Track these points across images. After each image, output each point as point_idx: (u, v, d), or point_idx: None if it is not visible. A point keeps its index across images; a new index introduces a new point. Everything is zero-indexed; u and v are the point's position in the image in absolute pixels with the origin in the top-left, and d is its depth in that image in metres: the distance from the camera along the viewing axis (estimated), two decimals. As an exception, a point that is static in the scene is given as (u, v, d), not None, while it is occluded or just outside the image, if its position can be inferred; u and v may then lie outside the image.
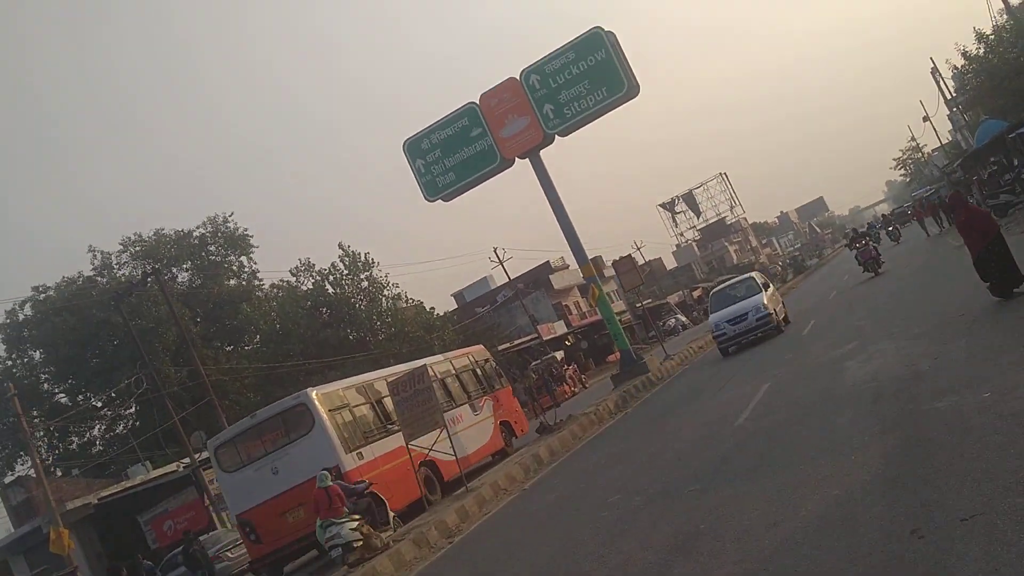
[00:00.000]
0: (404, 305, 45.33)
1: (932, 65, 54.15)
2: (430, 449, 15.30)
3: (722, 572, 5.75)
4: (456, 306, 77.19)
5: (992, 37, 32.98)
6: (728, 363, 20.66)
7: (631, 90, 24.20)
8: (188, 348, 29.80)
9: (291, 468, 14.47)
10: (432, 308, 48.50)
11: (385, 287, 44.90)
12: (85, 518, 28.95)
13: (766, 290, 23.04)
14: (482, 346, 25.33)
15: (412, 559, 11.48)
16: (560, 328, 61.39)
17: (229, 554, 22.44)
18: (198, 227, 53.29)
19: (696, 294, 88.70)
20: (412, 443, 14.66)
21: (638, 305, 79.75)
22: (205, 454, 32.12)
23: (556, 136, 25.18)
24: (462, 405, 18.83)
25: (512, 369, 41.78)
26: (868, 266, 28.91)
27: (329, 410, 14.90)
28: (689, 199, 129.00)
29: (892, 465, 6.49)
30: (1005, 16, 32.34)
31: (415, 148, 26.22)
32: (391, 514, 13.35)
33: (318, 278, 44.45)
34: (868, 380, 10.28)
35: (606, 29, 24.30)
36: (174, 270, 53.07)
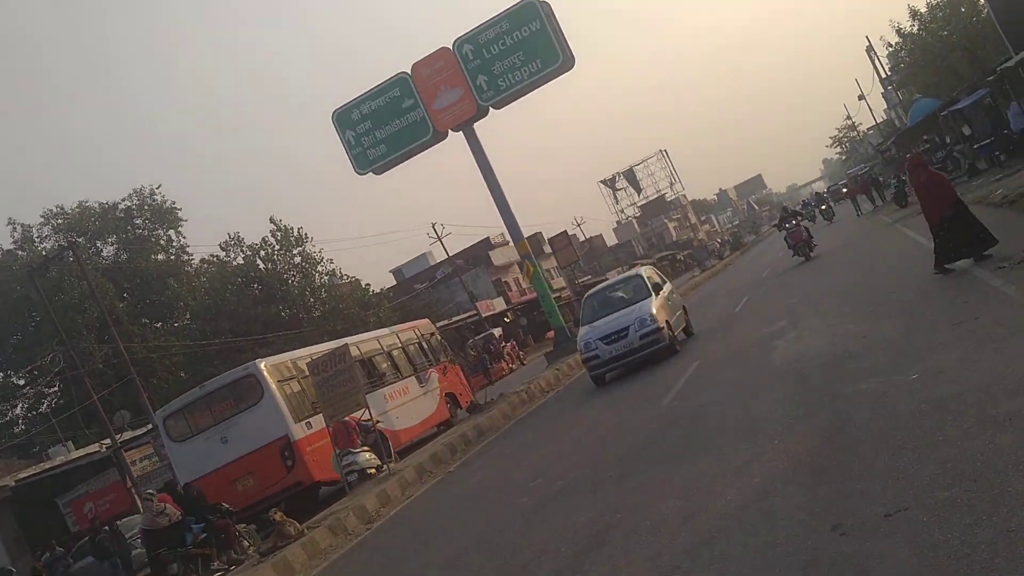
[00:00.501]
0: (339, 281, 44.42)
1: (868, 43, 54.68)
2: (377, 421, 15.24)
3: (633, 570, 5.34)
4: (395, 282, 76.45)
5: (926, 14, 33.15)
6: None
7: (566, 62, 23.73)
8: (108, 325, 28.44)
9: (241, 437, 14.72)
10: (367, 285, 47.64)
11: (319, 262, 43.91)
12: (3, 500, 27.84)
13: (657, 292, 16.64)
14: (428, 320, 25.64)
15: (327, 547, 10.95)
16: (499, 305, 60.99)
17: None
18: (124, 200, 51.69)
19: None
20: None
21: (578, 282, 79.94)
22: (128, 434, 31.20)
23: (491, 109, 24.60)
24: (408, 377, 19.20)
25: (450, 347, 41.27)
26: (798, 250, 24.81)
27: (278, 381, 15.08)
28: (630, 176, 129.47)
29: (815, 452, 6.13)
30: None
31: (344, 119, 25.43)
32: (393, 450, 14.84)
33: (249, 253, 43.26)
34: (796, 360, 10.00)
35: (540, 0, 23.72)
36: (98, 244, 51.36)
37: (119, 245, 51.60)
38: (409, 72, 24.79)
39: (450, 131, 24.93)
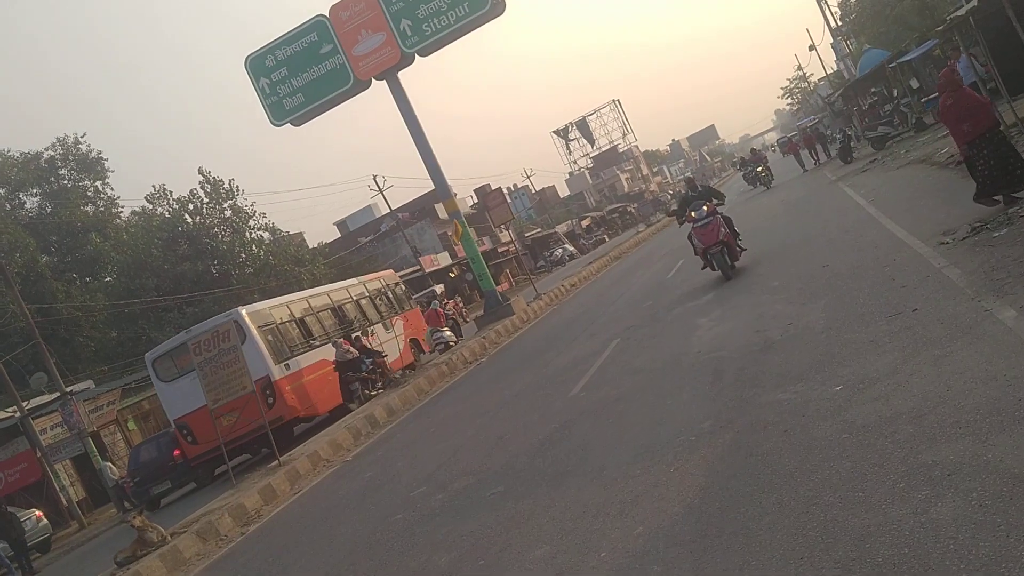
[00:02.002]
0: (271, 237, 42.52)
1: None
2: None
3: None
4: (339, 235, 74.60)
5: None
6: (591, 305, 19.31)
7: (495, 7, 22.15)
8: (11, 287, 26.54)
9: None
10: (300, 239, 45.74)
11: (251, 216, 41.94)
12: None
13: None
14: (392, 271, 27.29)
15: (192, 556, 9.70)
16: (444, 259, 59.51)
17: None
18: (47, 149, 49.02)
19: (585, 223, 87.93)
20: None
21: (527, 235, 78.67)
22: (36, 400, 29.48)
23: (415, 56, 22.96)
24: (376, 324, 20.93)
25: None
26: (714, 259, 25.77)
27: (259, 326, 16.41)
28: (583, 126, 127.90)
29: (708, 494, 4.97)
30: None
31: (258, 66, 23.63)
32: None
33: (176, 206, 41.14)
34: (714, 348, 8.87)
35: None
36: (20, 196, 48.80)
37: (43, 196, 49.09)
38: (327, 15, 22.98)
39: (373, 79, 23.26)
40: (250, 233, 41.14)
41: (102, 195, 50.63)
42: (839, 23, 50.61)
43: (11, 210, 47.75)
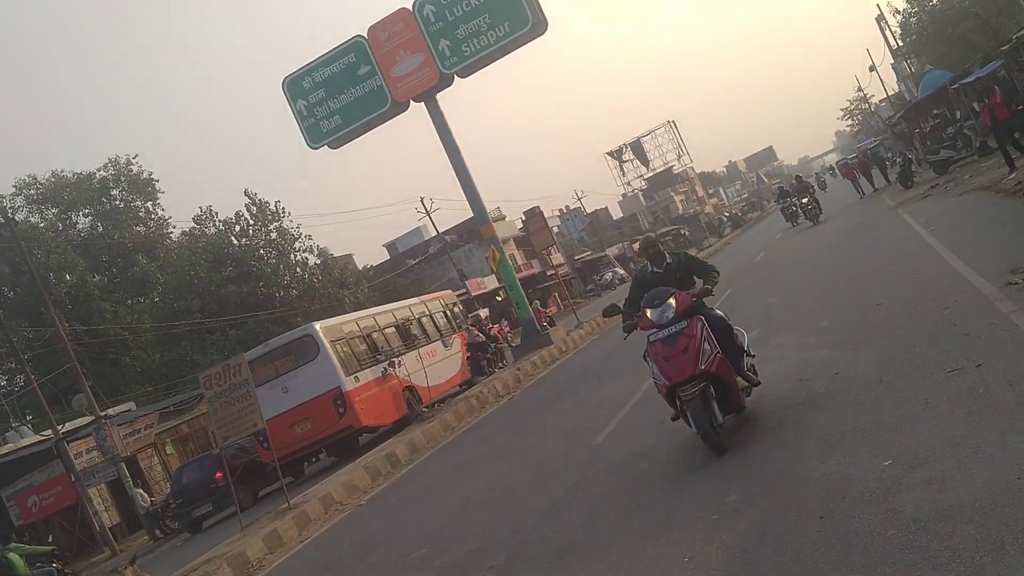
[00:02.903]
0: (316, 259, 42.30)
1: (878, 12, 52.00)
2: (410, 376, 18.62)
3: None
4: (388, 257, 74.58)
5: (938, -22, 30.54)
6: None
7: (537, 26, 21.49)
8: (48, 308, 26.52)
9: (299, 388, 16.82)
10: (349, 260, 45.51)
11: (297, 239, 41.78)
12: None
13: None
14: (450, 291, 28.30)
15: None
16: (491, 283, 58.86)
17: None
18: (99, 169, 49.60)
19: (635, 246, 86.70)
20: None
21: (577, 258, 77.80)
22: (77, 422, 29.40)
23: (455, 77, 22.40)
24: (435, 341, 21.38)
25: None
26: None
27: (331, 340, 17.15)
28: (637, 148, 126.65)
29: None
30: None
31: (296, 87, 23.26)
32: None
33: (223, 228, 41.16)
34: (752, 398, 7.97)
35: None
36: (72, 216, 49.44)
37: (95, 217, 49.66)
38: (365, 36, 22.54)
39: (411, 101, 22.75)
40: (295, 255, 40.98)
41: (153, 216, 51.10)
42: (900, 43, 49.12)
43: (63, 230, 48.40)
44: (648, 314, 6.89)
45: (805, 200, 30.72)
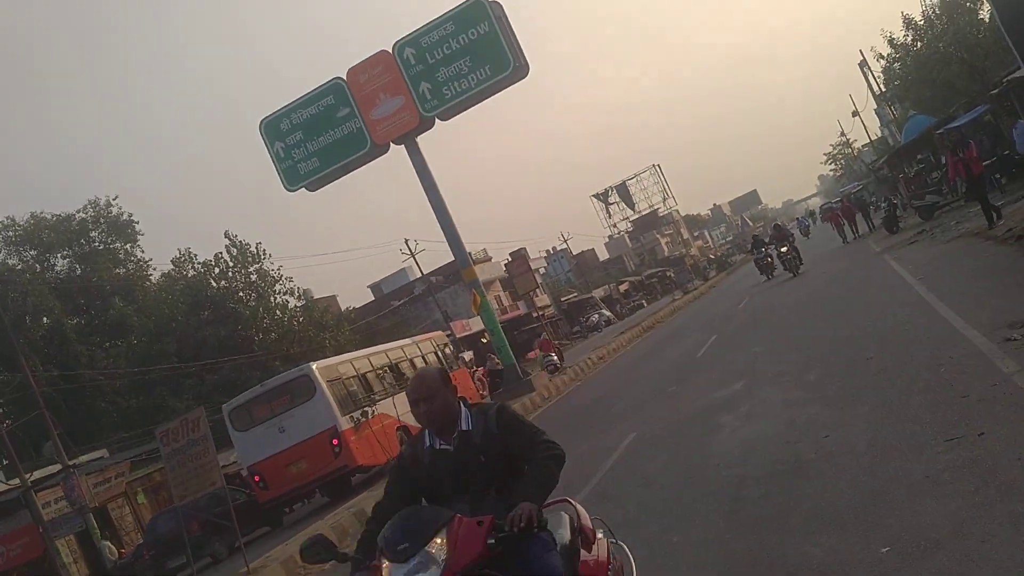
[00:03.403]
0: (297, 301, 41.63)
1: (861, 58, 52.34)
2: (401, 416, 18.54)
3: None
4: (373, 298, 74.03)
5: (922, 23, 30.52)
6: (614, 385, 17.94)
7: (518, 70, 21.24)
8: (18, 350, 25.80)
9: (296, 428, 16.88)
10: (333, 302, 44.92)
11: (277, 280, 41.20)
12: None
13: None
14: (441, 332, 28.91)
15: None
16: (477, 324, 58.24)
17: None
18: (79, 211, 49.02)
19: (623, 288, 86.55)
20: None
21: (563, 299, 77.40)
22: (46, 470, 28.47)
23: (436, 120, 22.07)
24: None
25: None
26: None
27: (328, 380, 17.30)
28: (622, 190, 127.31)
29: None
30: (937, 1, 29.76)
31: (273, 129, 22.88)
32: None
33: (202, 270, 40.57)
34: (737, 460, 7.50)
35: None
36: (50, 257, 48.73)
37: (73, 259, 48.98)
38: (344, 78, 22.21)
39: (391, 144, 22.38)
40: (274, 298, 40.36)
41: (132, 257, 50.44)
42: (883, 88, 49.35)
43: (41, 272, 47.68)
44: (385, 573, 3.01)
45: (784, 248, 27.68)
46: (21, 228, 48.05)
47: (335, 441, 16.68)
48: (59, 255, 48.96)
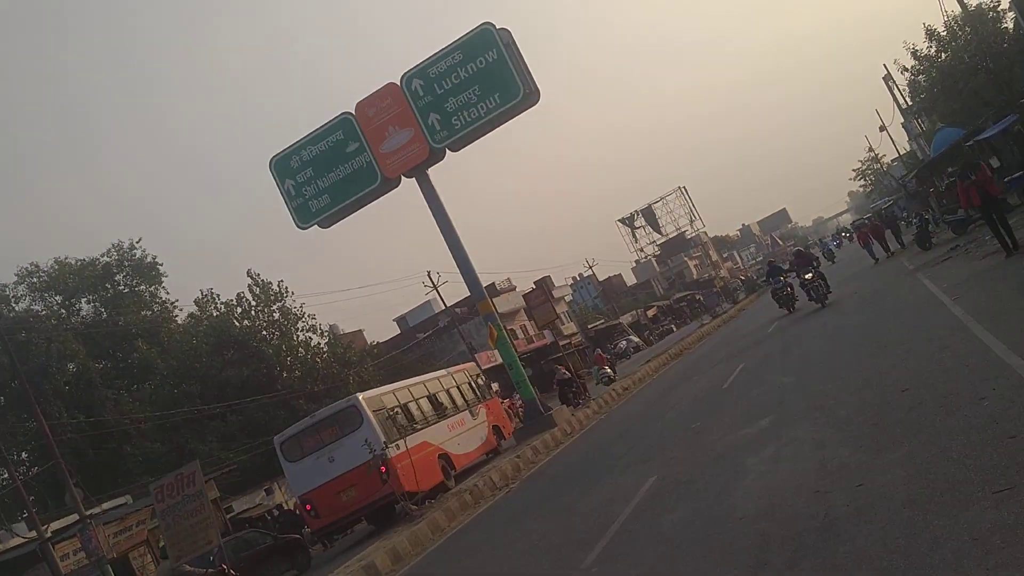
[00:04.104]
0: (320, 338, 41.18)
1: (885, 72, 51.48)
2: (443, 444, 19.54)
3: None
4: (398, 331, 73.81)
5: (945, 34, 29.67)
6: (636, 420, 17.21)
7: (528, 96, 20.72)
8: (31, 399, 25.48)
9: (345, 457, 17.35)
10: (350, 341, 44.48)
11: (300, 318, 40.83)
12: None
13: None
14: (474, 363, 30.38)
15: None
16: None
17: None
18: (103, 255, 49.10)
19: (651, 313, 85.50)
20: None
21: (590, 326, 76.51)
22: (64, 521, 28.05)
23: (446, 151, 21.61)
24: (463, 411, 21.90)
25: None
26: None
27: (374, 410, 17.86)
28: (648, 214, 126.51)
29: None
30: (959, 12, 28.89)
31: (283, 167, 22.50)
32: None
33: (224, 310, 40.34)
34: (762, 512, 6.81)
35: (498, 26, 20.72)
36: (75, 302, 48.76)
37: (98, 303, 49.00)
38: (353, 112, 21.79)
39: (402, 177, 21.93)
40: (297, 336, 39.97)
41: (157, 299, 50.39)
42: (909, 102, 48.39)
43: (66, 317, 47.74)
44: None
45: (809, 276, 23.33)
46: (45, 274, 48.18)
47: (383, 468, 17.05)
48: (84, 300, 48.95)
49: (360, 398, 18.31)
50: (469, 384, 23.62)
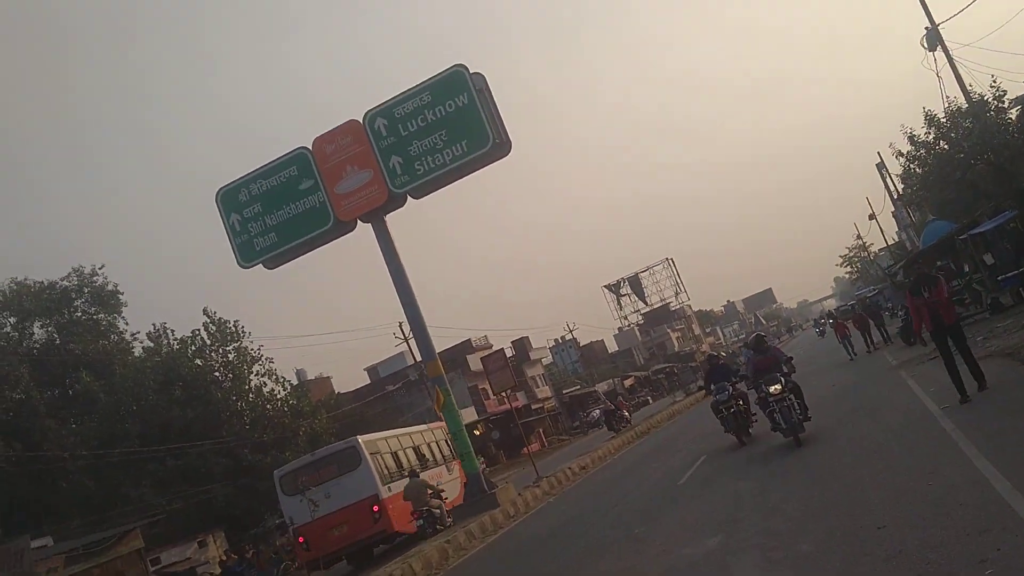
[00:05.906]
0: (277, 385, 39.10)
1: (879, 159, 50.69)
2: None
3: None
4: (368, 381, 72.11)
5: (945, 122, 28.54)
6: (581, 510, 15.42)
7: (499, 147, 19.32)
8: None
9: (341, 494, 18.52)
10: (306, 389, 42.51)
11: (256, 360, 38.80)
12: None
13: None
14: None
15: None
16: (470, 415, 55.68)
17: None
18: (63, 279, 47.13)
19: (628, 383, 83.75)
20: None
21: (565, 392, 74.66)
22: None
23: (407, 196, 20.11)
24: (441, 465, 23.13)
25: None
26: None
27: (371, 453, 19.17)
28: (635, 283, 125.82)
29: None
30: (964, 105, 27.69)
31: (230, 200, 20.90)
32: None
33: (178, 347, 38.40)
34: None
35: (471, 70, 19.34)
36: (29, 325, 46.66)
37: (52, 328, 46.92)
38: (310, 147, 20.31)
39: (358, 221, 20.39)
40: (250, 380, 37.91)
41: (116, 329, 48.37)
42: (900, 191, 47.43)
43: (18, 340, 45.65)
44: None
45: (775, 388, 13.25)
46: (2, 293, 46.23)
47: (375, 508, 18.34)
48: (37, 324, 46.88)
49: (360, 440, 19.59)
50: (446, 440, 24.50)
